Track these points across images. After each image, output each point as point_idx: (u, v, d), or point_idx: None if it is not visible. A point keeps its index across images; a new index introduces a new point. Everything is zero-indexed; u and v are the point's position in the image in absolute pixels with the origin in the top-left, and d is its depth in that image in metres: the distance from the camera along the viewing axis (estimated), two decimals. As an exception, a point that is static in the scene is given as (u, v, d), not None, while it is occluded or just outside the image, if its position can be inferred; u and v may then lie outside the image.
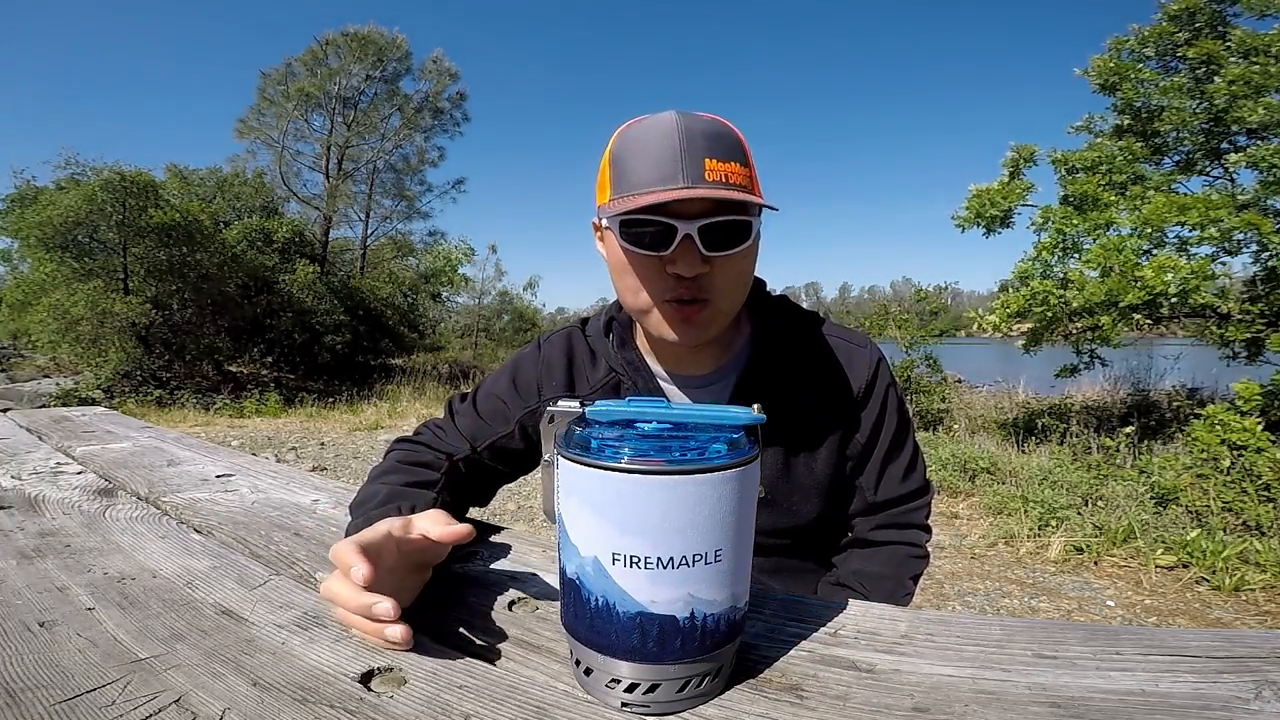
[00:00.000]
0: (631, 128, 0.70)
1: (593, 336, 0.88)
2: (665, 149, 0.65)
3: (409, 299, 17.41)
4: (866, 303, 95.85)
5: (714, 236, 0.67)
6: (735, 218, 0.67)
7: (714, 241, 0.67)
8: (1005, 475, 4.62)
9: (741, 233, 0.69)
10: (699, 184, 0.65)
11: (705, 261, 0.68)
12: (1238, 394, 4.45)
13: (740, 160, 0.68)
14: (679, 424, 0.46)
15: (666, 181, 0.65)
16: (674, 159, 0.65)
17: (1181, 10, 6.18)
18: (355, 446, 6.67)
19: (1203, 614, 2.82)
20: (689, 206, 0.66)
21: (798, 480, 0.83)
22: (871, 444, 0.85)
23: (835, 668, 0.50)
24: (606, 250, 0.77)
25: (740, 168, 0.67)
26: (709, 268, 0.69)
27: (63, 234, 10.12)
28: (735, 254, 0.69)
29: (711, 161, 0.65)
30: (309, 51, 16.32)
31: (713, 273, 0.70)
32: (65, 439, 1.34)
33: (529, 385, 0.87)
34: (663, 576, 0.41)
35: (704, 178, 0.65)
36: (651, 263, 0.70)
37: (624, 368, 0.84)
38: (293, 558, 0.71)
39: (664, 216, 0.66)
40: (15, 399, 8.36)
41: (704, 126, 0.67)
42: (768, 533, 0.82)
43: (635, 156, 0.68)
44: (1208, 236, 5.11)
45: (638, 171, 0.67)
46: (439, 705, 0.44)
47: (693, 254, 0.67)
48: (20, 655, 0.49)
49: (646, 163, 0.66)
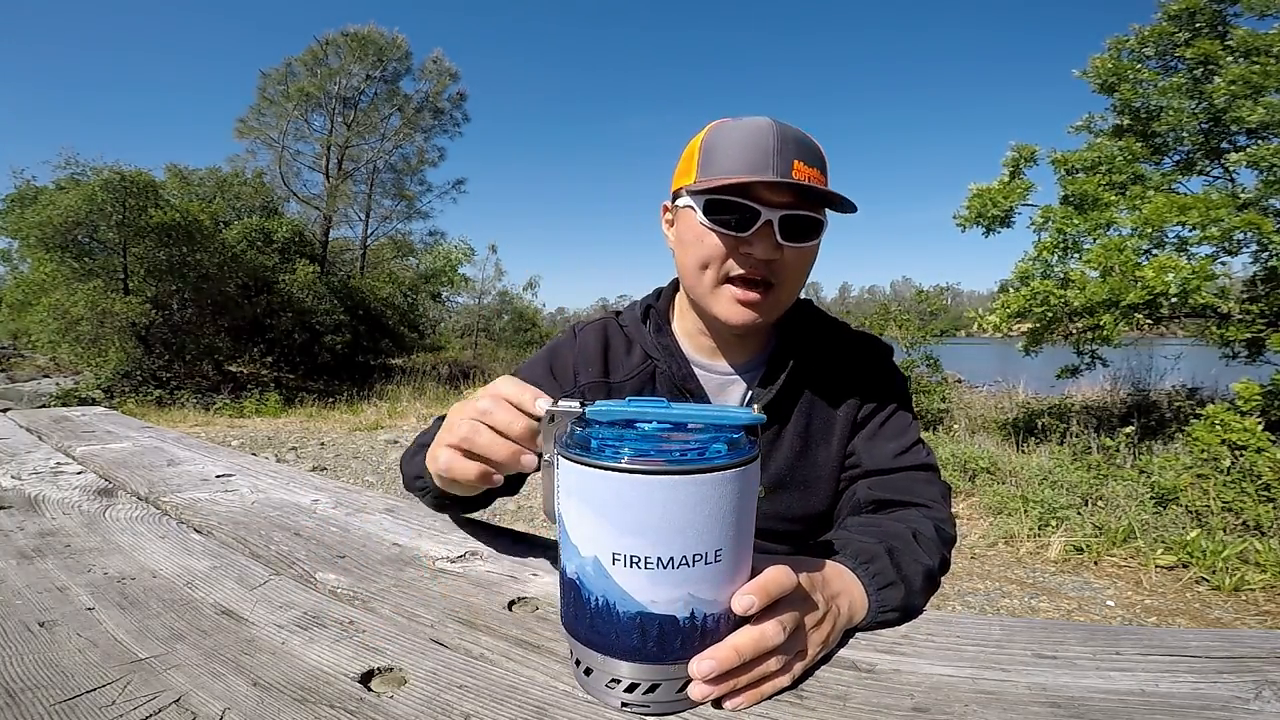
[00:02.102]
0: (726, 123, 0.76)
1: (628, 325, 0.92)
2: (760, 144, 0.71)
3: (409, 299, 17.41)
4: (866, 303, 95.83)
5: (791, 227, 0.73)
6: (812, 214, 0.74)
7: (790, 232, 0.73)
8: (1005, 475, 4.63)
9: (814, 228, 0.75)
10: (787, 178, 0.70)
11: (778, 248, 0.74)
12: (1238, 394, 4.45)
13: (822, 170, 0.75)
14: (679, 424, 0.46)
15: (757, 171, 0.71)
16: (766, 154, 0.71)
17: (1181, 10, 6.18)
18: (355, 446, 6.68)
19: (1203, 614, 2.82)
20: (776, 197, 0.72)
21: (813, 466, 0.86)
22: (868, 419, 0.87)
23: (835, 667, 0.50)
24: (679, 229, 0.81)
25: (821, 176, 0.74)
26: (780, 255, 0.74)
27: (63, 234, 10.12)
28: (806, 247, 0.76)
29: (799, 164, 0.71)
30: (309, 51, 16.33)
31: (782, 261, 0.75)
32: (65, 439, 1.34)
33: (565, 371, 0.90)
34: (663, 576, 0.41)
35: (792, 175, 0.71)
36: (729, 241, 0.75)
37: (660, 353, 0.87)
38: (293, 558, 0.71)
39: (751, 201, 0.72)
40: (15, 399, 8.36)
41: (796, 134, 0.74)
42: (783, 519, 0.86)
43: (730, 145, 0.73)
44: (1208, 236, 5.11)
45: (731, 158, 0.72)
46: (439, 705, 0.44)
47: (770, 239, 0.73)
48: (20, 655, 0.49)
49: (740, 152, 0.72)
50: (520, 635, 0.55)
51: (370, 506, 0.90)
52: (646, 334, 0.89)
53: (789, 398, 0.86)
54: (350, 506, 0.90)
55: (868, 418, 0.87)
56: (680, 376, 0.86)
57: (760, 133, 0.72)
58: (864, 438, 0.86)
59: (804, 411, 0.86)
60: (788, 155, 0.71)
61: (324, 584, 0.64)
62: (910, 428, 0.88)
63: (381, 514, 0.87)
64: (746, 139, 0.72)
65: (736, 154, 0.72)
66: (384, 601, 0.61)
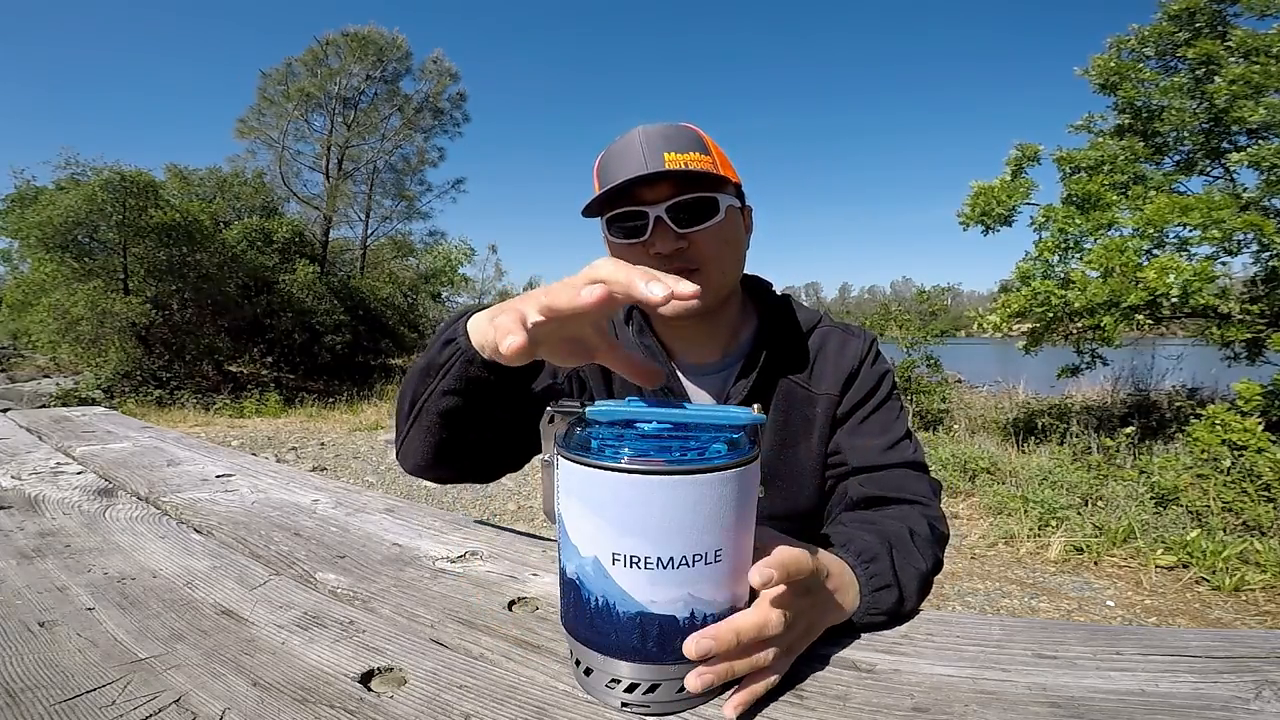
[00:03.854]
0: (609, 146, 0.81)
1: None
2: (630, 150, 0.76)
3: (409, 299, 17.40)
4: (866, 303, 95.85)
5: (684, 214, 0.76)
6: (699, 195, 0.76)
7: (686, 219, 0.76)
8: (1005, 475, 4.63)
9: (709, 208, 0.77)
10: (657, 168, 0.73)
11: (681, 238, 0.76)
12: (1238, 394, 4.45)
13: (700, 150, 0.76)
14: (679, 424, 0.46)
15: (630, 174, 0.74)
16: (638, 157, 0.74)
17: (1182, 10, 6.17)
18: (355, 446, 6.68)
19: (1203, 614, 2.82)
20: (657, 194, 0.76)
21: (794, 462, 0.86)
22: (852, 412, 0.86)
23: (835, 667, 0.49)
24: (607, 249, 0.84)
25: (700, 155, 0.76)
26: (686, 243, 0.77)
27: (63, 234, 10.12)
28: (708, 227, 0.77)
29: (670, 154, 0.74)
30: (309, 51, 16.31)
31: (693, 247, 0.77)
32: (65, 439, 1.34)
33: None
34: (662, 576, 0.41)
35: (663, 166, 0.73)
36: (636, 250, 0.78)
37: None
38: (293, 558, 0.71)
39: (636, 206, 0.76)
40: (15, 399, 8.36)
41: (662, 129, 0.77)
42: (769, 516, 0.85)
43: (609, 165, 0.78)
44: (1209, 237, 5.10)
45: (612, 174, 0.76)
46: (439, 705, 0.44)
47: (667, 233, 0.76)
48: (20, 655, 0.49)
49: (617, 164, 0.76)
50: (520, 635, 0.55)
51: (370, 506, 0.91)
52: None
53: (765, 393, 0.86)
54: (350, 506, 0.90)
55: (849, 413, 0.86)
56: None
57: (629, 142, 0.76)
58: (846, 433, 0.86)
59: (781, 407, 0.86)
60: (656, 151, 0.74)
61: (324, 584, 0.64)
62: (896, 422, 0.86)
63: (381, 514, 0.87)
64: (621, 152, 0.77)
65: (615, 167, 0.76)
66: (384, 601, 0.61)
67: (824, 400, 0.86)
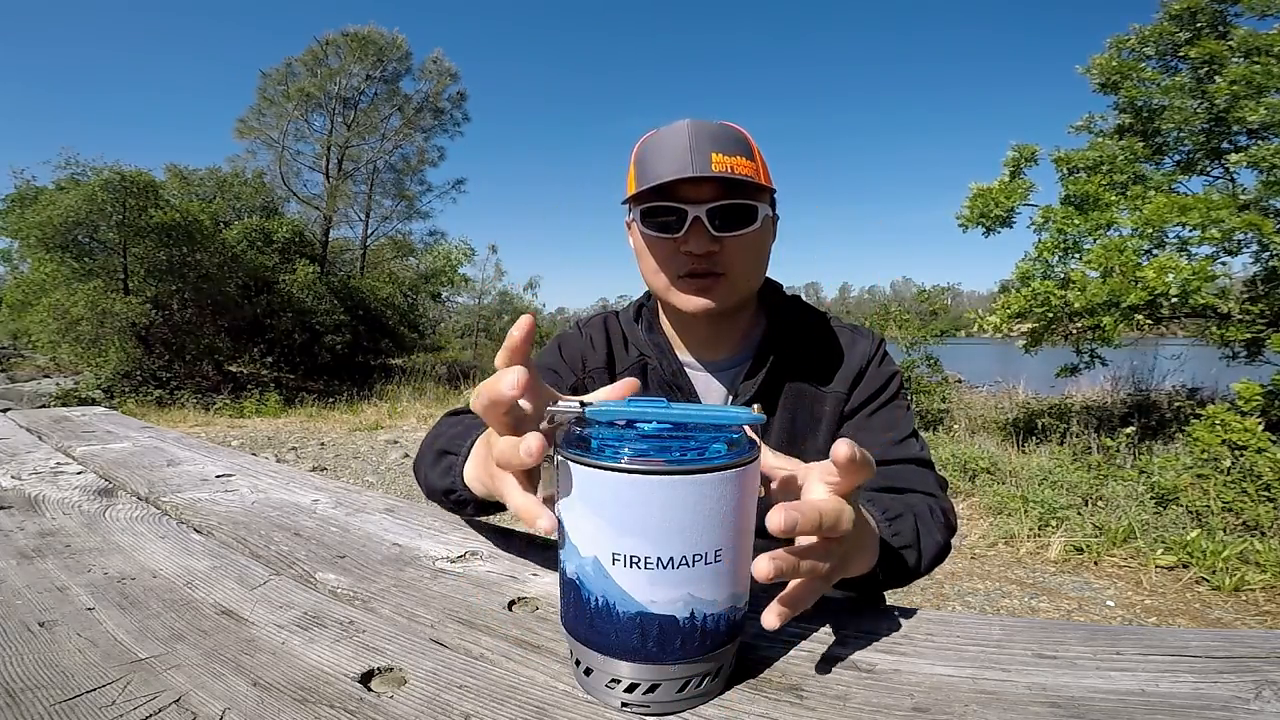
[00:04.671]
0: (652, 135, 0.80)
1: (625, 322, 0.96)
2: (677, 145, 0.74)
3: (409, 299, 17.41)
4: (867, 303, 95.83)
5: (722, 218, 0.76)
6: (741, 201, 0.76)
7: (723, 223, 0.76)
8: (1005, 475, 4.63)
9: (748, 215, 0.77)
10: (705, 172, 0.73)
11: (715, 241, 0.77)
12: (1238, 394, 4.45)
13: (745, 155, 0.76)
14: (679, 424, 0.46)
15: (677, 173, 0.73)
16: (684, 154, 0.74)
17: (1183, 10, 6.17)
18: (355, 447, 6.68)
19: (1203, 614, 2.82)
20: (699, 193, 0.75)
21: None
22: (859, 409, 0.87)
23: (835, 667, 0.49)
24: (633, 240, 0.86)
25: (746, 161, 0.75)
26: (719, 247, 0.77)
27: (63, 234, 10.12)
28: (744, 234, 0.78)
29: (717, 155, 0.73)
30: (309, 51, 16.31)
31: (724, 251, 0.78)
32: (65, 439, 1.34)
33: (574, 357, 0.94)
34: (662, 576, 0.41)
35: (710, 168, 0.73)
36: (668, 244, 0.79)
37: (651, 350, 0.90)
38: (293, 558, 0.71)
39: (677, 203, 0.75)
40: (15, 399, 8.36)
41: (711, 128, 0.76)
42: None
43: (655, 153, 0.77)
44: (1209, 237, 5.11)
45: (655, 167, 0.76)
46: (439, 705, 0.44)
47: (702, 234, 0.76)
48: (20, 655, 0.49)
49: (662, 159, 0.76)
50: (520, 635, 0.55)
51: (370, 506, 0.90)
52: (639, 332, 0.92)
53: (773, 392, 0.86)
54: (350, 506, 0.90)
55: (855, 410, 0.87)
56: (670, 372, 0.88)
57: (677, 134, 0.75)
58: (853, 429, 0.86)
59: (789, 406, 0.87)
60: (704, 150, 0.73)
61: (324, 584, 0.64)
62: (903, 421, 0.87)
63: (381, 514, 0.87)
64: (667, 144, 0.76)
65: (660, 160, 0.76)
66: (384, 601, 0.61)
67: (832, 399, 0.87)
